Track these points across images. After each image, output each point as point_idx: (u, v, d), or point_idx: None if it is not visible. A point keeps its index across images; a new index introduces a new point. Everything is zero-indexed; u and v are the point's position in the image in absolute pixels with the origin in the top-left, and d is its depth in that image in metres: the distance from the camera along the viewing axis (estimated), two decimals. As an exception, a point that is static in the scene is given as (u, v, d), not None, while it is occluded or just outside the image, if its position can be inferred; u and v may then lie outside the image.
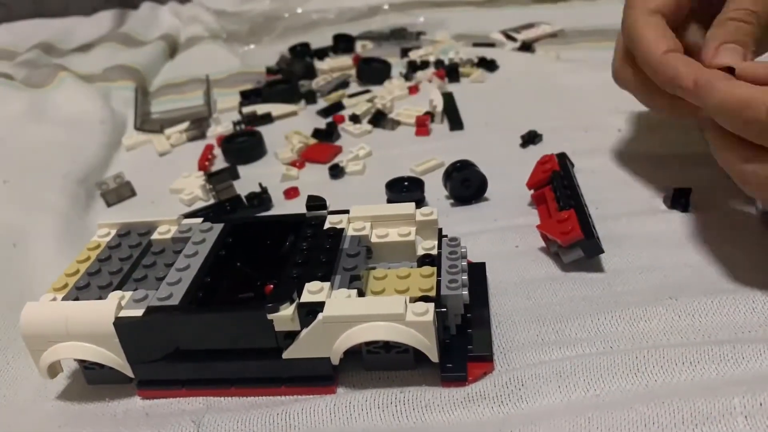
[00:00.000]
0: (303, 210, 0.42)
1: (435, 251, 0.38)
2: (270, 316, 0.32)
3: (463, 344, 0.35)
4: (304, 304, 0.33)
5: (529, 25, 0.92)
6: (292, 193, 0.56)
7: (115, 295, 0.35)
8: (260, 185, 0.55)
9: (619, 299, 0.38)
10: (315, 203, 0.41)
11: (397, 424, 0.32)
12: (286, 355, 0.34)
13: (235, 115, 0.74)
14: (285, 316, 0.32)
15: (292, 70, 0.83)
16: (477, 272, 0.40)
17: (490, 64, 0.79)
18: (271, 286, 0.38)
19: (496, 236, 0.46)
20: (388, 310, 0.32)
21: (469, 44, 0.88)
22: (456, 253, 0.37)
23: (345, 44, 0.93)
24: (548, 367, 0.33)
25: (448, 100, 0.70)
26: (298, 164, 0.61)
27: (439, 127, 0.66)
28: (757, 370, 0.31)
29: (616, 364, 0.33)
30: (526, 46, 0.85)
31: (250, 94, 0.78)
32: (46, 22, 1.16)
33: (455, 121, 0.66)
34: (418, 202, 0.51)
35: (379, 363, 0.35)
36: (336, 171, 0.58)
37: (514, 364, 0.35)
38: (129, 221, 0.42)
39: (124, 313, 0.34)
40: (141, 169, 0.64)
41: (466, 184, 0.51)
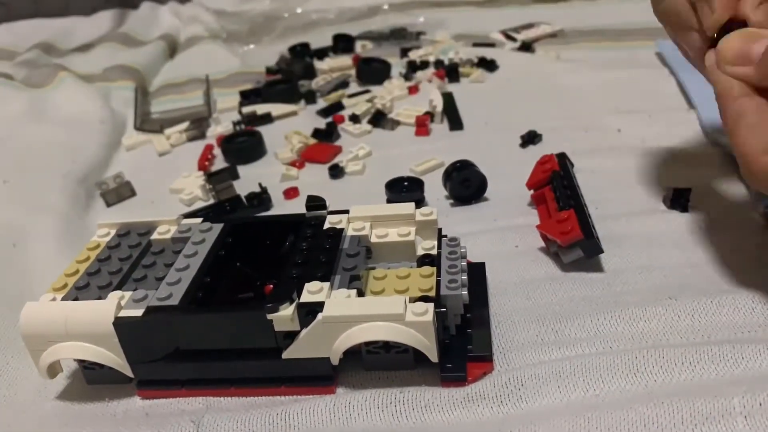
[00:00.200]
0: (303, 210, 0.42)
1: (435, 251, 0.38)
2: (270, 316, 0.32)
3: (462, 344, 0.35)
4: (303, 304, 0.33)
5: (529, 25, 0.92)
6: (291, 193, 0.56)
7: (114, 295, 0.35)
8: (260, 185, 0.55)
9: (618, 299, 0.38)
10: (315, 203, 0.41)
11: (396, 424, 0.32)
12: (285, 355, 0.34)
13: (234, 115, 0.74)
14: (285, 316, 0.32)
15: (292, 70, 0.83)
16: (477, 272, 0.40)
17: (490, 64, 0.79)
18: (271, 286, 0.38)
19: (496, 236, 0.46)
20: (388, 310, 0.32)
21: (469, 44, 0.88)
22: (456, 253, 0.37)
23: (345, 44, 0.93)
24: (548, 367, 0.33)
25: (448, 100, 0.70)
26: (298, 164, 0.61)
27: (439, 127, 0.66)
28: (757, 370, 0.31)
29: (615, 364, 0.33)
30: (526, 46, 0.85)
31: (250, 94, 0.78)
32: (45, 22, 1.16)
33: (455, 121, 0.66)
34: (418, 202, 0.51)
35: (379, 363, 0.35)
36: (336, 171, 0.58)
37: (514, 364, 0.35)
38: (129, 221, 0.42)
39: (123, 313, 0.34)
40: (141, 169, 0.64)
41: (466, 184, 0.51)
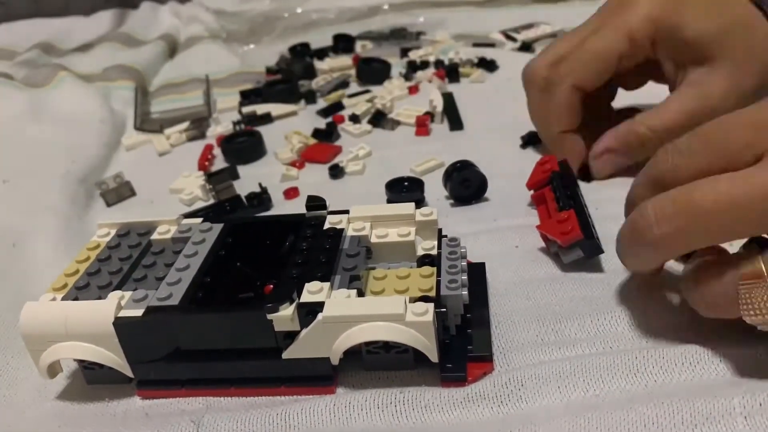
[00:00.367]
0: (303, 210, 0.42)
1: (435, 251, 0.38)
2: (270, 316, 0.32)
3: (462, 344, 0.35)
4: (303, 304, 0.33)
5: (529, 26, 0.92)
6: (291, 193, 0.56)
7: (114, 295, 0.35)
8: (260, 185, 0.55)
9: (618, 299, 0.38)
10: (315, 203, 0.41)
11: (396, 425, 0.32)
12: (285, 355, 0.34)
13: (234, 115, 0.74)
14: (285, 316, 0.32)
15: (292, 70, 0.83)
16: (477, 272, 0.40)
17: (490, 64, 0.79)
18: (271, 286, 0.38)
19: (496, 236, 0.46)
20: (388, 311, 0.32)
21: (469, 44, 0.88)
22: (456, 253, 0.37)
23: (345, 44, 0.93)
24: (548, 367, 0.33)
25: (448, 100, 0.70)
26: (298, 164, 0.61)
27: (439, 128, 0.66)
28: (759, 370, 0.31)
29: (615, 365, 0.33)
30: (526, 47, 0.85)
31: (250, 94, 0.78)
32: (45, 22, 1.16)
33: (455, 121, 0.66)
34: (418, 202, 0.51)
35: (379, 363, 0.35)
36: (336, 171, 0.58)
37: (514, 364, 0.35)
38: (129, 221, 0.42)
39: (123, 313, 0.34)
40: (141, 169, 0.64)
41: (466, 184, 0.51)
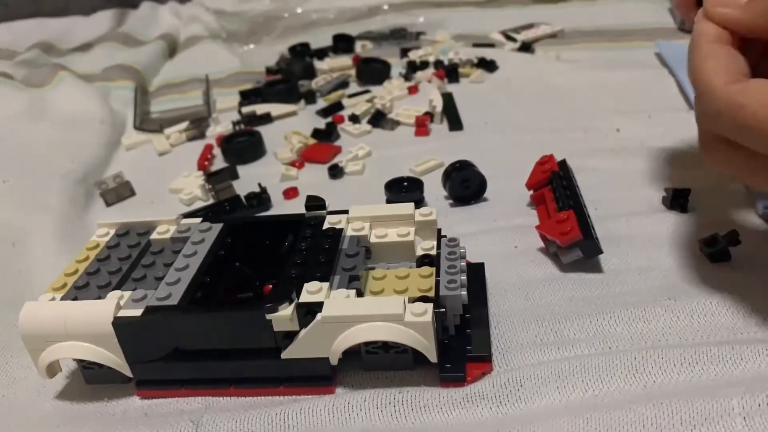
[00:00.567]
0: (302, 210, 0.42)
1: (434, 251, 0.38)
2: (269, 316, 0.32)
3: (461, 344, 0.35)
4: (302, 304, 0.33)
5: (529, 26, 0.92)
6: (291, 193, 0.56)
7: (114, 295, 0.35)
8: (259, 185, 0.55)
9: (617, 300, 0.38)
10: (314, 203, 0.41)
11: (395, 425, 0.32)
12: (284, 355, 0.34)
13: (234, 115, 0.74)
14: (284, 316, 0.32)
15: (292, 70, 0.83)
16: (476, 272, 0.40)
17: (490, 64, 0.79)
18: (270, 286, 0.38)
19: (495, 237, 0.46)
20: (387, 311, 0.32)
21: (469, 44, 0.88)
22: (455, 254, 0.37)
23: (345, 44, 0.93)
24: (547, 367, 0.33)
25: (448, 100, 0.70)
26: (298, 164, 0.61)
27: (439, 128, 0.66)
28: (756, 370, 0.31)
29: (614, 365, 0.33)
30: (526, 47, 0.85)
31: (250, 94, 0.78)
32: (45, 22, 1.16)
33: (455, 121, 0.66)
34: (418, 202, 0.51)
35: (378, 363, 0.35)
36: (335, 171, 0.58)
37: (513, 364, 0.35)
38: (128, 221, 0.42)
39: (123, 313, 0.34)
40: (140, 169, 0.64)
41: (466, 185, 0.51)
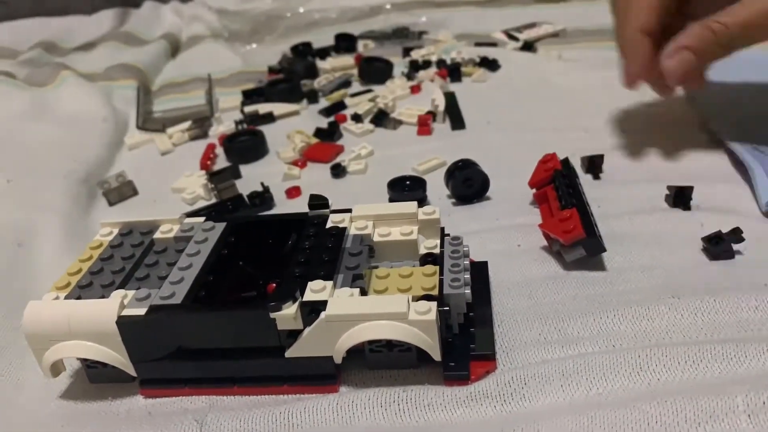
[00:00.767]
0: (305, 209, 0.42)
1: (437, 250, 0.38)
2: (273, 315, 0.32)
3: (465, 343, 0.35)
4: (306, 303, 0.33)
5: (531, 25, 0.92)
6: (293, 192, 0.56)
7: (117, 294, 0.35)
8: (262, 184, 0.55)
9: (621, 298, 0.38)
10: (317, 202, 0.41)
11: (399, 423, 0.32)
12: (288, 354, 0.34)
13: (237, 115, 0.74)
14: (288, 314, 0.32)
15: (294, 69, 0.83)
16: (479, 271, 0.40)
17: (492, 63, 0.79)
18: (274, 285, 0.38)
19: (498, 235, 0.46)
20: (391, 309, 0.32)
21: (471, 44, 0.88)
22: (458, 252, 0.37)
23: (347, 43, 0.93)
24: (551, 366, 0.33)
25: (450, 99, 0.70)
26: (300, 163, 0.61)
27: (441, 127, 0.66)
28: (761, 368, 0.31)
29: (618, 363, 0.33)
30: (528, 46, 0.85)
31: (252, 94, 0.78)
32: (47, 21, 1.16)
33: (457, 120, 0.66)
34: (420, 201, 0.51)
35: (382, 362, 0.35)
36: (338, 170, 0.58)
37: (517, 363, 0.35)
38: (131, 220, 0.42)
39: (126, 312, 0.34)
40: (143, 168, 0.64)
41: (468, 183, 0.51)
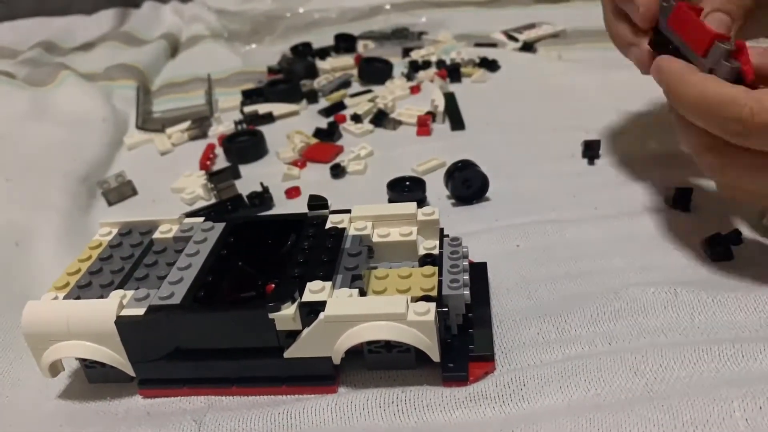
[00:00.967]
0: (304, 209, 0.42)
1: (436, 251, 0.38)
2: (271, 316, 0.32)
3: (464, 344, 0.35)
4: (305, 304, 0.33)
5: (531, 26, 0.92)
6: (293, 192, 0.56)
7: (116, 294, 0.35)
8: (261, 185, 0.55)
9: (620, 299, 0.38)
10: (316, 203, 0.41)
11: (398, 424, 0.32)
12: (287, 355, 0.34)
13: (236, 115, 0.74)
14: (286, 315, 0.32)
15: (294, 69, 0.83)
16: (478, 272, 0.40)
17: (492, 64, 0.79)
18: (273, 286, 0.38)
19: (498, 236, 0.46)
20: (390, 310, 0.32)
21: (471, 44, 0.88)
22: (457, 253, 0.37)
23: (346, 44, 0.93)
24: (549, 367, 0.33)
25: (450, 99, 0.70)
26: (300, 164, 0.61)
27: (441, 127, 0.66)
28: (758, 369, 0.31)
29: (616, 364, 0.33)
30: (528, 47, 0.85)
31: (252, 94, 0.78)
32: (47, 21, 1.16)
33: (457, 120, 0.66)
34: (420, 201, 0.51)
35: (381, 362, 0.35)
36: (337, 170, 0.58)
37: (516, 363, 0.35)
38: (130, 220, 0.42)
39: (125, 312, 0.34)
40: (142, 168, 0.64)
41: (468, 184, 0.51)
